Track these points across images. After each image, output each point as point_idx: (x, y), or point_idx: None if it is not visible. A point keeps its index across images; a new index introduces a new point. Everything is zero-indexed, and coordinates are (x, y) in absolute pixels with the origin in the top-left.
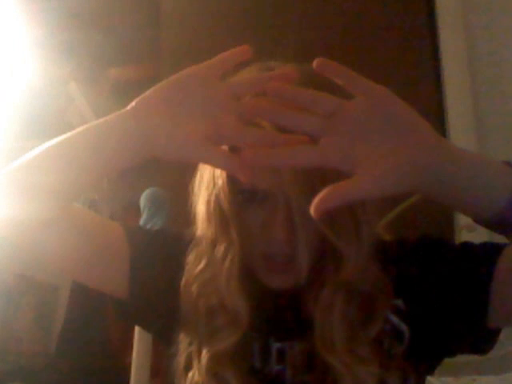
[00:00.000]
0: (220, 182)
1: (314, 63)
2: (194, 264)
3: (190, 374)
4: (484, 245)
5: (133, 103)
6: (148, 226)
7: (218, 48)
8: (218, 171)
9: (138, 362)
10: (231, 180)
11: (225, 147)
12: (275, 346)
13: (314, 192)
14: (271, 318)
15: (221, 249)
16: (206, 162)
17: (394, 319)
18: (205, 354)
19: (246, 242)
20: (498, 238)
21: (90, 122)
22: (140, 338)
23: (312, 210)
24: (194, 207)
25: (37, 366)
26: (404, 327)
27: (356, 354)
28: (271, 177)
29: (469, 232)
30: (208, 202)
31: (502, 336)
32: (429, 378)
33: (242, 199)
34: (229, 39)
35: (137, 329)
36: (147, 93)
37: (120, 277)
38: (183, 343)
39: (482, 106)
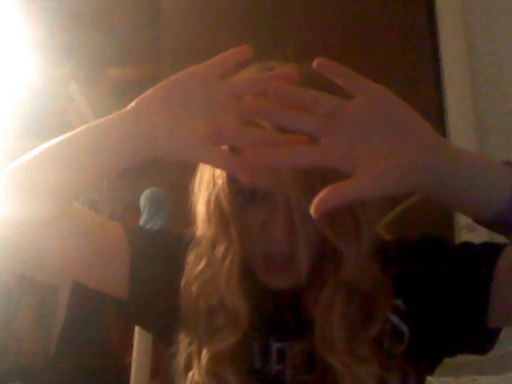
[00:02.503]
0: (220, 181)
1: (314, 63)
2: (194, 264)
3: (190, 374)
4: (484, 245)
5: (133, 103)
6: (148, 226)
7: (217, 48)
8: (218, 171)
9: (138, 362)
10: (231, 180)
11: (225, 147)
12: (275, 345)
13: (314, 192)
14: (271, 318)
15: (221, 249)
16: (206, 162)
17: (394, 319)
18: (205, 354)
19: (246, 242)
20: (498, 238)
21: (90, 121)
22: (140, 338)
23: (312, 210)
24: (194, 207)
25: (37, 366)
26: (404, 327)
27: (356, 354)
28: (271, 177)
29: (469, 232)
30: (208, 202)
31: (502, 336)
32: (429, 378)
33: (242, 199)
34: (229, 39)
35: (137, 329)
36: (147, 93)
37: (120, 277)
38: (183, 343)
39: (482, 105)
